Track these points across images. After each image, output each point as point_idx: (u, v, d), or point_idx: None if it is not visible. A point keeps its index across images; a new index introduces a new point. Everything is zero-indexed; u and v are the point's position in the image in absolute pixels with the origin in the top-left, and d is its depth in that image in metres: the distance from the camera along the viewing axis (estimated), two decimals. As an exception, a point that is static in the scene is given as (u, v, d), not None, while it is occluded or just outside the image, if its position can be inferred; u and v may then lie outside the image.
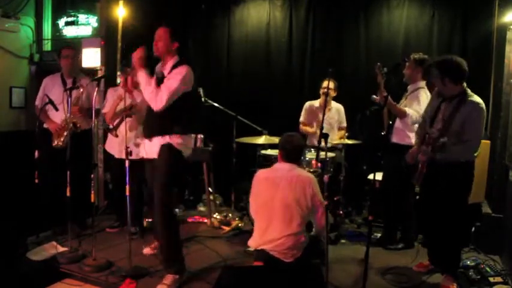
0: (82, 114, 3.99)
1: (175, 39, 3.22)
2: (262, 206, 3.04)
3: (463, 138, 2.96)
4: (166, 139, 3.13)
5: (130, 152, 3.25)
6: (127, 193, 3.26)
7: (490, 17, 4.35)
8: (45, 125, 4.10)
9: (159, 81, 3.14)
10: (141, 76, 3.11)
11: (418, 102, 3.64)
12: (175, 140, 3.13)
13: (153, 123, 3.20)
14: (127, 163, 3.23)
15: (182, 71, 3.11)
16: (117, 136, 3.88)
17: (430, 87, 3.65)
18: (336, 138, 4.77)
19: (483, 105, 3.01)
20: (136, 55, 3.13)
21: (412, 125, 3.67)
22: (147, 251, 3.70)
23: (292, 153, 3.07)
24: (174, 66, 3.16)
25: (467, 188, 3.11)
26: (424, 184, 3.17)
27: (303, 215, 2.96)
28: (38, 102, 4.18)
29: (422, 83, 3.74)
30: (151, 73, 3.18)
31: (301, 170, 3.11)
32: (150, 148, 3.22)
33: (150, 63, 3.24)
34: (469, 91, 3.06)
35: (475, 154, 3.06)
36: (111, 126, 3.83)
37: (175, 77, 3.08)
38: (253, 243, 3.06)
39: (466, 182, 3.08)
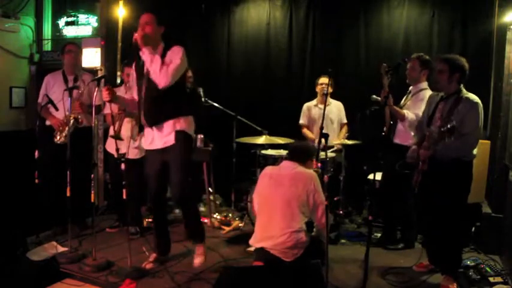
0: (83, 110, 3.98)
1: (161, 24, 3.22)
2: (264, 201, 3.08)
3: (461, 133, 2.97)
4: (179, 124, 3.16)
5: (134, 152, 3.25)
6: (124, 196, 3.22)
7: (490, 17, 4.34)
8: (47, 122, 4.09)
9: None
10: (146, 54, 3.05)
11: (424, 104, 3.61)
12: (184, 124, 3.19)
13: (160, 109, 3.15)
14: (123, 166, 3.18)
15: (179, 49, 3.14)
16: (122, 139, 3.89)
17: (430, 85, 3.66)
18: (337, 136, 4.78)
19: (479, 101, 3.04)
20: (141, 32, 3.08)
21: (410, 128, 3.67)
22: (149, 265, 3.42)
23: (293, 153, 3.22)
24: (167, 49, 3.16)
25: (465, 188, 3.11)
26: (423, 183, 3.16)
27: (304, 211, 2.98)
28: (40, 99, 4.17)
29: (425, 84, 3.74)
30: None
31: (303, 168, 3.15)
32: (159, 137, 3.19)
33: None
34: (463, 89, 3.09)
35: (474, 152, 3.07)
36: (114, 134, 3.81)
37: (176, 55, 3.09)
38: (254, 240, 3.08)
39: (464, 181, 3.08)
